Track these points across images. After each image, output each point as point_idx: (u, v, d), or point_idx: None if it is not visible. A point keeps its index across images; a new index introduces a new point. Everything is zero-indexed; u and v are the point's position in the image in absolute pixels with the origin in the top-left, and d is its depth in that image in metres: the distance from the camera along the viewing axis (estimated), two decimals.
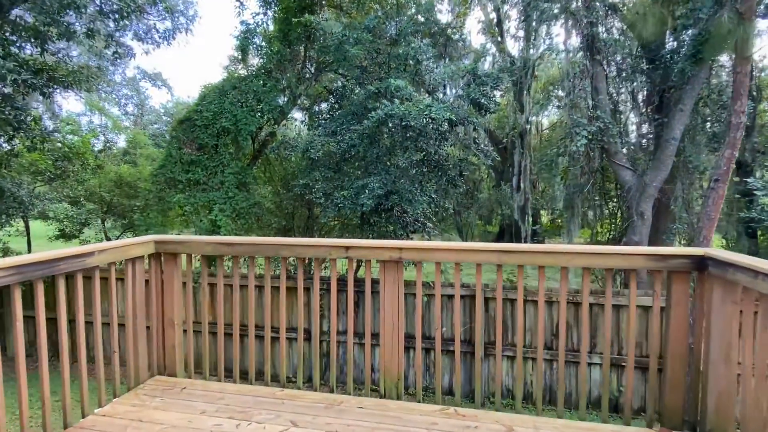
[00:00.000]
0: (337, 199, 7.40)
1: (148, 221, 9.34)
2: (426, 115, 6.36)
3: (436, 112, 6.30)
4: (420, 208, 6.70)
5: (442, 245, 3.22)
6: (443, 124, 7.02)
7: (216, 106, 9.42)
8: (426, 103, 6.53)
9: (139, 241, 4.00)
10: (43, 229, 14.23)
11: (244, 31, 9.88)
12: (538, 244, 4.02)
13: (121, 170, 14.54)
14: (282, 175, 10.93)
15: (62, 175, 13.13)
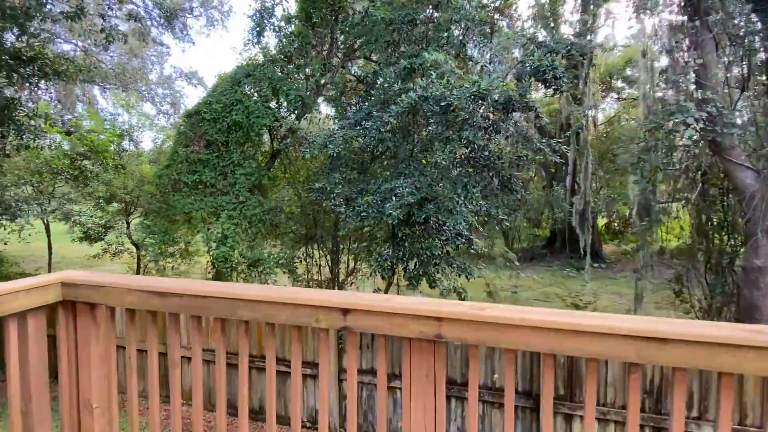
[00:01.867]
0: (360, 206, 5.93)
1: (151, 229, 8.25)
2: (474, 93, 4.76)
3: (487, 88, 4.68)
4: (463, 219, 5.11)
5: (525, 317, 1.60)
6: (493, 109, 5.39)
7: (227, 97, 8.20)
8: (473, 79, 4.93)
9: (33, 284, 2.59)
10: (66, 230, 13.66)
11: (259, 9, 8.60)
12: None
13: (143, 170, 13.75)
14: (304, 176, 9.59)
15: (80, 175, 12.46)
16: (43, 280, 2.54)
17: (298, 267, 9.05)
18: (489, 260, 6.19)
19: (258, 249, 8.35)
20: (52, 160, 11.78)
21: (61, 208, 13.16)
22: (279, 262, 7.86)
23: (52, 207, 12.93)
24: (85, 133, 13.07)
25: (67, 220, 13.05)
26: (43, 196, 12.52)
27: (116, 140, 14.01)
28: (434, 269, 5.58)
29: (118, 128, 13.82)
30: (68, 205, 13.64)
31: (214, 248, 7.46)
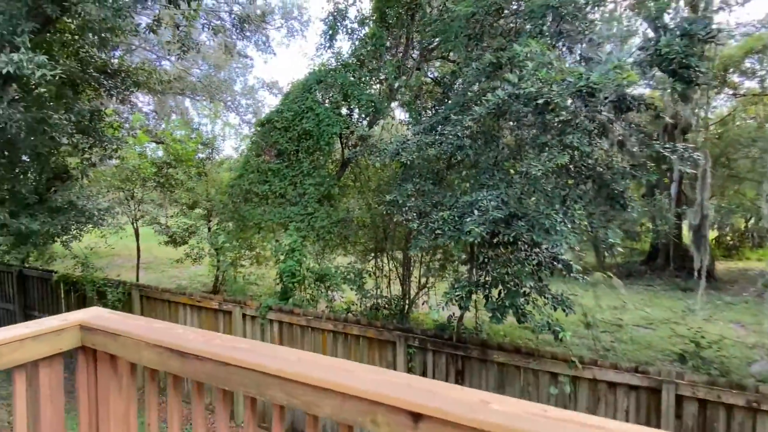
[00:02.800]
0: (435, 222, 5.17)
1: (221, 241, 8.15)
2: (581, 88, 3.81)
3: (600, 81, 3.69)
4: (564, 241, 4.15)
5: None
6: (601, 107, 4.37)
7: (298, 104, 7.89)
8: (577, 71, 3.97)
9: (44, 329, 2.19)
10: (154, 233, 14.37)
11: (332, 11, 8.22)
12: None
13: (223, 178, 14.12)
14: (375, 185, 9.04)
15: (166, 182, 13.05)
16: (59, 323, 2.09)
17: (366, 281, 8.49)
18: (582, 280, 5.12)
19: (325, 263, 7.92)
20: (141, 168, 12.44)
21: (148, 214, 13.94)
22: (346, 277, 7.34)
23: (140, 212, 13.74)
24: (171, 142, 13.73)
25: (154, 224, 13.71)
26: (133, 202, 13.32)
27: (200, 149, 14.57)
28: (523, 300, 4.66)
29: (203, 137, 14.31)
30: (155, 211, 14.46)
31: (281, 261, 7.13)
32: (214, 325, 7.55)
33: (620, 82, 3.76)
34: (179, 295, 7.90)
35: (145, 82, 7.77)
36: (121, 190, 12.82)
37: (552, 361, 4.90)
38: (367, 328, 6.06)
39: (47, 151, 6.55)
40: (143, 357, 1.96)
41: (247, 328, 7.19)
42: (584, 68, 4.12)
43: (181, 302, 7.87)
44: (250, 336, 7.14)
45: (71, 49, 7.29)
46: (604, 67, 4.02)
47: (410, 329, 5.81)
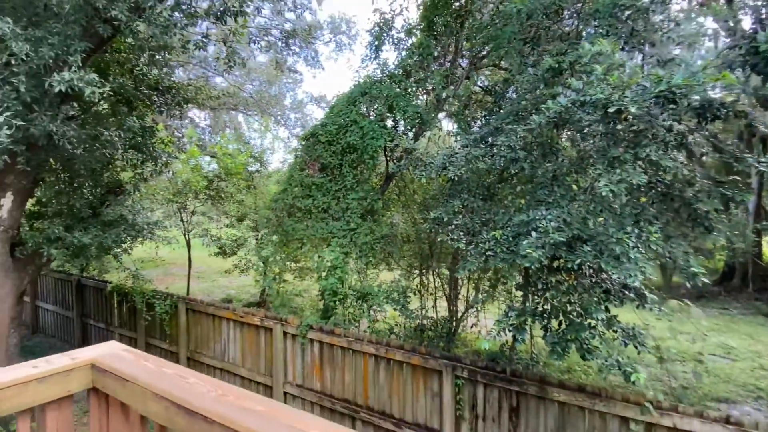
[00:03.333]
0: (485, 243, 4.73)
1: (264, 254, 8.06)
2: (660, 94, 3.27)
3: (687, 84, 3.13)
4: (638, 270, 3.59)
5: None
6: (682, 116, 3.79)
7: (342, 117, 7.70)
8: (657, 75, 3.43)
9: (52, 370, 2.00)
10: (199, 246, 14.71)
11: (378, 21, 8.01)
12: None
13: (271, 190, 14.27)
14: (421, 199, 8.67)
15: (216, 195, 13.36)
16: (68, 362, 1.87)
17: (411, 300, 8.09)
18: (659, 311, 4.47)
19: (368, 280, 7.62)
20: (192, 182, 12.79)
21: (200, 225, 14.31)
22: (389, 296, 6.99)
23: (192, 224, 14.14)
24: (222, 156, 14.07)
25: (205, 236, 14.02)
26: (185, 214, 13.72)
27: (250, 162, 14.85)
28: (589, 334, 4.10)
29: (252, 151, 14.58)
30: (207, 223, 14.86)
31: (323, 278, 6.90)
32: (256, 341, 7.42)
33: (705, 87, 3.19)
34: (223, 310, 7.86)
35: (193, 97, 7.87)
36: (174, 203, 13.26)
37: (623, 404, 4.29)
38: (411, 354, 5.66)
39: (100, 166, 6.71)
40: (150, 409, 1.70)
41: (287, 347, 6.98)
42: (662, 72, 3.57)
43: (225, 317, 7.82)
44: (291, 355, 6.94)
45: (126, 68, 7.51)
46: (688, 70, 3.46)
47: (458, 358, 5.35)
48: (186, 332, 8.45)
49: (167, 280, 19.52)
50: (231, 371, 7.77)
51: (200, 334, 8.33)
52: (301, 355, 6.83)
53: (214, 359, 8.06)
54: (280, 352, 6.99)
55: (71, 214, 7.05)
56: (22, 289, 7.16)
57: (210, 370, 8.18)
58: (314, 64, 30.05)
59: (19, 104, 5.10)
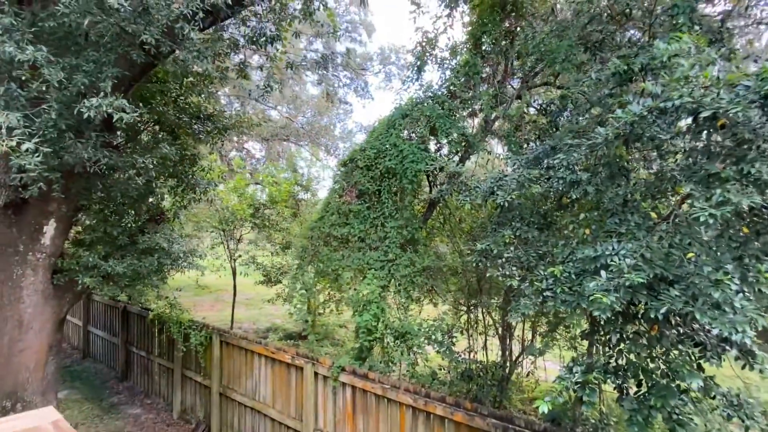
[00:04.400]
0: (542, 281, 3.97)
1: (297, 286, 7.62)
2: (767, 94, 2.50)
3: None
4: (745, 325, 2.73)
5: None
6: None
7: (380, 141, 7.26)
8: (766, 70, 2.65)
9: None
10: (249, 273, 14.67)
11: (420, 40, 7.61)
12: None
13: (314, 218, 14.08)
14: (469, 228, 7.96)
15: (261, 223, 13.34)
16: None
17: (458, 340, 7.29)
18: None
19: (408, 318, 6.94)
20: (238, 210, 12.83)
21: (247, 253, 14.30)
22: (431, 336, 6.26)
23: (239, 252, 14.16)
24: (267, 185, 14.11)
25: (250, 264, 13.97)
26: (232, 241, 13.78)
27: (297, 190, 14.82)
28: (680, 401, 3.20)
29: (298, 180, 14.55)
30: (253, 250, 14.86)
31: (358, 314, 6.32)
32: (287, 381, 6.89)
33: None
34: (255, 344, 7.44)
35: (232, 125, 7.77)
36: (221, 230, 13.37)
37: None
38: (455, 410, 4.87)
39: (137, 194, 6.64)
40: None
41: (319, 389, 6.39)
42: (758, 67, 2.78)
43: (257, 351, 7.39)
44: (322, 399, 6.33)
45: (168, 97, 7.55)
46: None
47: (510, 418, 4.51)
48: (219, 366, 8.10)
49: (217, 306, 19.75)
50: (261, 411, 7.26)
51: (233, 369, 7.94)
52: (333, 399, 6.20)
53: (245, 397, 7.60)
54: (310, 394, 6.41)
55: (109, 242, 7.00)
56: (62, 316, 7.13)
57: (241, 409, 7.73)
58: (364, 95, 30.50)
59: (54, 132, 5.06)
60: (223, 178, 13.60)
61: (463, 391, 7.02)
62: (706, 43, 2.95)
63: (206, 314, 17.91)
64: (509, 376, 7.58)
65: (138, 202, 7.32)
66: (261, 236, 14.59)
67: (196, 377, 8.60)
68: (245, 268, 13.95)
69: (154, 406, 9.61)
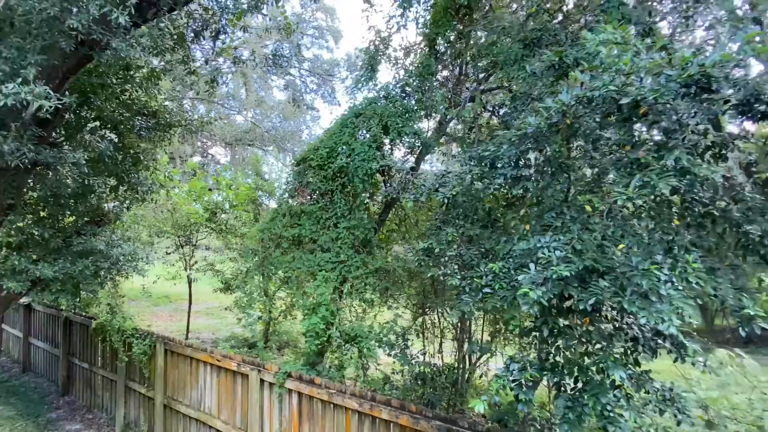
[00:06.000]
0: (482, 277, 3.88)
1: (246, 294, 7.33)
2: (687, 80, 2.49)
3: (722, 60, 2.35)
4: (671, 314, 2.69)
5: None
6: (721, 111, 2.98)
7: (334, 140, 7.11)
8: (683, 57, 2.64)
9: None
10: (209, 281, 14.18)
11: (373, 39, 7.53)
12: None
13: (265, 220, 13.79)
14: (423, 229, 7.87)
15: (219, 228, 12.90)
16: None
17: (413, 343, 7.15)
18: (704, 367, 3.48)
19: (362, 321, 6.76)
20: (193, 214, 12.37)
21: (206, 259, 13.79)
22: (382, 339, 6.10)
23: (195, 258, 13.64)
24: (225, 188, 13.69)
25: (207, 271, 13.48)
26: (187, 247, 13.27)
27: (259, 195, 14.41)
28: (613, 397, 3.15)
29: (258, 183, 14.15)
30: (212, 256, 14.36)
31: (305, 319, 6.10)
32: (232, 389, 6.58)
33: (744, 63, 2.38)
34: (200, 352, 7.09)
35: (178, 123, 7.43)
36: (176, 235, 12.86)
37: None
38: (400, 413, 4.71)
39: (71, 192, 6.24)
40: None
41: (264, 396, 6.11)
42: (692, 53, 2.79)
43: (203, 360, 7.04)
44: (268, 407, 6.05)
45: (111, 92, 7.17)
46: (723, 48, 2.67)
47: (454, 420, 4.38)
48: (164, 376, 7.68)
49: (176, 317, 18.97)
50: (207, 423, 6.90)
51: (178, 379, 7.54)
52: (279, 406, 5.93)
53: (190, 408, 7.22)
54: (256, 402, 6.12)
55: (41, 245, 6.54)
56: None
57: (185, 421, 7.33)
58: (331, 101, 30.30)
59: None
60: (178, 181, 13.11)
61: (417, 394, 6.87)
62: (631, 34, 2.94)
63: (164, 324, 17.17)
64: (469, 378, 7.48)
65: (75, 202, 6.89)
66: (220, 242, 14.14)
67: (140, 389, 8.14)
68: (202, 275, 13.46)
69: (95, 421, 9.03)
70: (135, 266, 7.52)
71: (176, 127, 7.39)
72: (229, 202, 13.07)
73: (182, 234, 12.85)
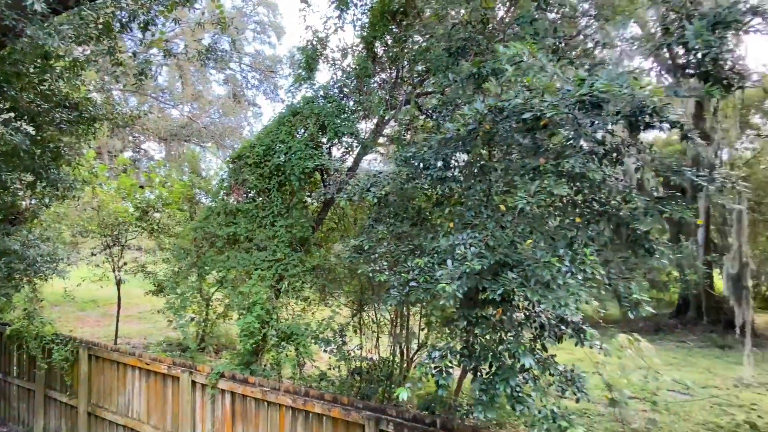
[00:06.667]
0: (409, 272, 4.10)
1: (179, 295, 7.14)
2: (581, 98, 2.84)
3: (606, 89, 2.70)
4: (569, 300, 3.03)
5: None
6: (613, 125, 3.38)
7: (271, 138, 7.09)
8: (579, 76, 3.00)
9: None
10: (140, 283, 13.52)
11: (311, 39, 7.58)
12: None
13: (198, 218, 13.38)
14: (360, 228, 8.04)
15: (149, 227, 12.32)
16: None
17: (351, 339, 7.31)
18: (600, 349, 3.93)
19: (299, 319, 6.81)
20: (121, 213, 11.73)
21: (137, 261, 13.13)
22: (318, 335, 6.19)
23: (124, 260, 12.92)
24: (157, 186, 13.10)
25: (138, 272, 12.86)
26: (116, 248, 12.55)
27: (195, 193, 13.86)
28: (522, 379, 3.47)
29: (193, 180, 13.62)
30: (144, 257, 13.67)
31: (239, 319, 6.06)
32: (162, 393, 6.39)
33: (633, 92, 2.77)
34: (128, 356, 6.82)
35: (104, 115, 7.08)
36: (102, 235, 12.12)
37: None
38: (332, 406, 4.84)
39: None
40: None
41: (196, 398, 6.01)
42: (587, 73, 3.15)
43: (130, 364, 6.78)
44: (200, 409, 5.95)
45: (28, 81, 6.71)
46: (613, 71, 3.05)
47: (383, 409, 4.57)
48: (88, 383, 7.29)
49: (104, 321, 17.84)
50: (135, 429, 6.65)
51: (103, 385, 7.19)
52: (211, 408, 5.86)
53: (117, 414, 6.92)
54: (187, 404, 5.99)
55: None
56: None
57: (112, 428, 7.01)
58: (274, 98, 29.71)
59: None
60: (105, 177, 12.37)
61: (354, 388, 7.03)
62: (536, 49, 3.26)
63: (91, 330, 16.13)
64: (408, 371, 7.73)
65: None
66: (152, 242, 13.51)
67: (62, 397, 7.66)
68: (133, 277, 12.81)
69: None
70: (54, 268, 7.08)
71: (102, 120, 7.03)
72: (162, 200, 12.51)
73: (110, 234, 12.14)
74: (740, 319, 9.10)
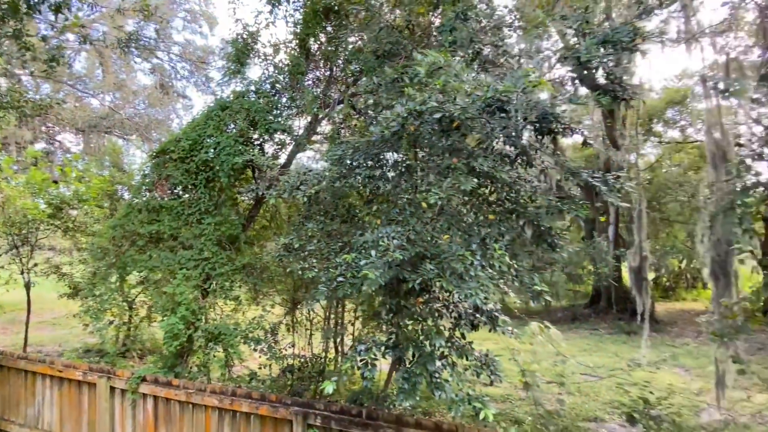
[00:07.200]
0: (337, 268, 4.20)
1: (97, 297, 6.73)
2: (488, 101, 3.10)
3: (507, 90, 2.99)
4: (478, 290, 3.29)
5: None
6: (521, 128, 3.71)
7: (198, 132, 6.88)
8: (486, 82, 3.27)
9: None
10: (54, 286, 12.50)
11: (241, 32, 7.43)
12: None
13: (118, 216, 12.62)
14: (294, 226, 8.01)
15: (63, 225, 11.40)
16: None
17: (284, 337, 7.28)
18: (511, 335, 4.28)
19: (227, 319, 6.67)
20: (30, 210, 10.75)
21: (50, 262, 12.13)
22: (248, 335, 6.12)
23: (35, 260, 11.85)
24: (73, 180, 12.14)
25: (51, 274, 11.89)
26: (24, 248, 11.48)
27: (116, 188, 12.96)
28: (440, 365, 3.71)
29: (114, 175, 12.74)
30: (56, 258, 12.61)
31: (162, 320, 5.84)
32: (77, 401, 6.01)
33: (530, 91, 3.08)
34: (38, 364, 6.33)
35: (8, 103, 6.49)
36: (9, 235, 11.04)
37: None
38: (260, 404, 4.83)
39: None
40: None
41: (115, 405, 5.72)
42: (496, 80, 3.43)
43: (40, 372, 6.29)
44: (120, 416, 5.67)
45: None
46: (514, 75, 3.36)
47: (311, 404, 4.65)
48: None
49: (13, 328, 16.20)
50: None
51: (9, 396, 6.62)
52: (132, 414, 5.60)
53: (24, 427, 6.40)
54: (105, 412, 5.69)
55: None
56: None
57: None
58: (205, 90, 28.45)
59: None
60: (12, 171, 11.26)
61: (286, 386, 7.01)
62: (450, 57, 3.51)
63: None
64: (336, 365, 7.80)
65: None
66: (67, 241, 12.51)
67: None
68: (44, 279, 11.80)
69: None
70: None
71: (6, 108, 6.45)
72: (78, 196, 11.61)
73: (17, 233, 11.09)
74: (640, 307, 10.15)
